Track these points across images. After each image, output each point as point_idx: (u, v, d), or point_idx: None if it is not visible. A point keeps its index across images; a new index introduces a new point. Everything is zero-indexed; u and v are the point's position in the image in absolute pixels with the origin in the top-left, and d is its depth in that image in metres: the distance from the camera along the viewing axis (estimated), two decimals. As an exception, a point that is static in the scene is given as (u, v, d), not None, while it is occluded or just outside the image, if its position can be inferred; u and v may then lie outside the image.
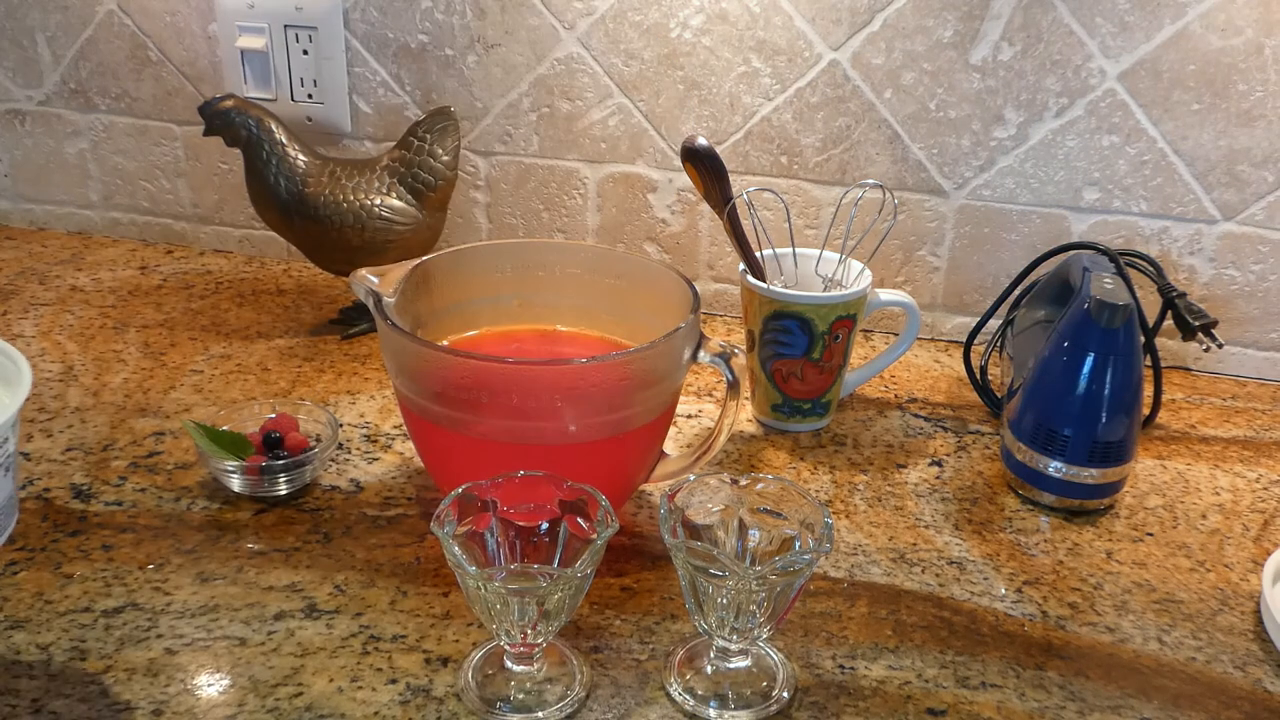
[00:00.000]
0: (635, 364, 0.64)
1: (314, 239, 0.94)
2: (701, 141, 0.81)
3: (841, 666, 0.60)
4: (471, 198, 1.07)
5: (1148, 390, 0.81)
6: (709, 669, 0.60)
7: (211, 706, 0.56)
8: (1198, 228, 0.95)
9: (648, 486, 0.75)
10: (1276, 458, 0.85)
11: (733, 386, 0.68)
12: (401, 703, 0.56)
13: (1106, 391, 0.73)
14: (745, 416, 0.87)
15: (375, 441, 0.81)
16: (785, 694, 0.58)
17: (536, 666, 0.58)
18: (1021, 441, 0.76)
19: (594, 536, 0.55)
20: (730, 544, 0.60)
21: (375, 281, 0.69)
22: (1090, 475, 0.74)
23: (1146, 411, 0.87)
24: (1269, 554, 0.71)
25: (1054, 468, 0.74)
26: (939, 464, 0.82)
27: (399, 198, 0.93)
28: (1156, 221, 0.95)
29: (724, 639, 0.57)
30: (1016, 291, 0.91)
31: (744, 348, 0.86)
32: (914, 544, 0.72)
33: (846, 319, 0.82)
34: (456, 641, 0.61)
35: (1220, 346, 0.84)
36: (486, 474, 0.58)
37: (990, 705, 0.58)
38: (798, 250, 0.88)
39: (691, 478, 0.60)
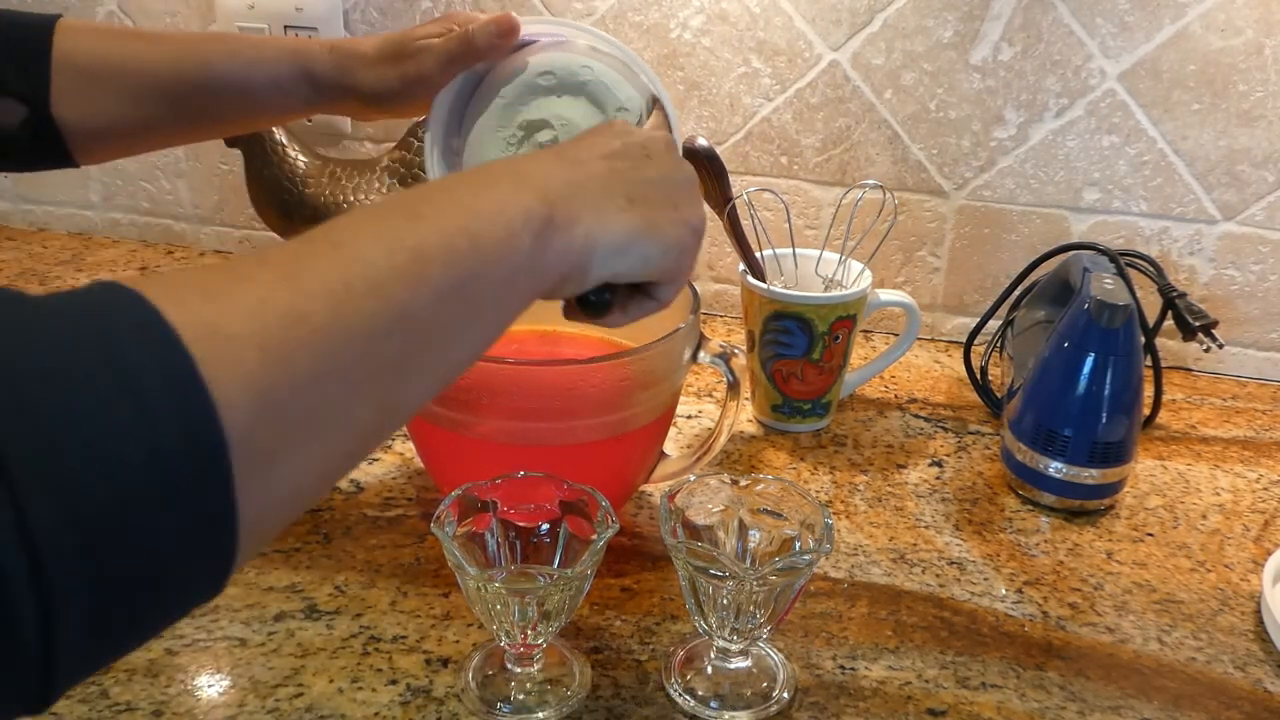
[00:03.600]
0: (635, 364, 0.64)
1: (314, 239, 0.94)
2: (701, 142, 0.81)
3: (842, 667, 0.60)
4: (471, 198, 1.07)
5: (1148, 390, 0.81)
6: (709, 669, 0.60)
7: (212, 707, 0.56)
8: (1198, 228, 0.95)
9: (648, 487, 0.75)
10: (1276, 458, 0.85)
11: (733, 387, 0.68)
12: (402, 703, 0.56)
13: (1107, 392, 0.73)
14: (745, 417, 0.87)
15: (375, 442, 0.81)
16: (785, 694, 0.58)
17: (537, 667, 0.58)
18: (1022, 442, 0.76)
19: (594, 537, 0.55)
20: (730, 544, 0.60)
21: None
22: (1090, 475, 0.74)
23: (1147, 412, 0.87)
24: (1269, 554, 0.71)
25: (1054, 468, 0.74)
26: (939, 464, 0.82)
27: (399, 198, 0.93)
28: (1156, 222, 0.95)
29: (724, 639, 0.57)
30: (1016, 292, 0.91)
31: (744, 348, 0.86)
32: (914, 544, 0.72)
33: (846, 319, 0.82)
34: (457, 642, 0.61)
35: (1220, 347, 0.84)
36: (487, 475, 0.58)
37: (990, 706, 0.58)
38: (798, 250, 0.88)
39: (692, 478, 0.60)
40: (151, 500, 0.29)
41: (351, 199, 0.92)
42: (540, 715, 0.56)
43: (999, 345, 0.91)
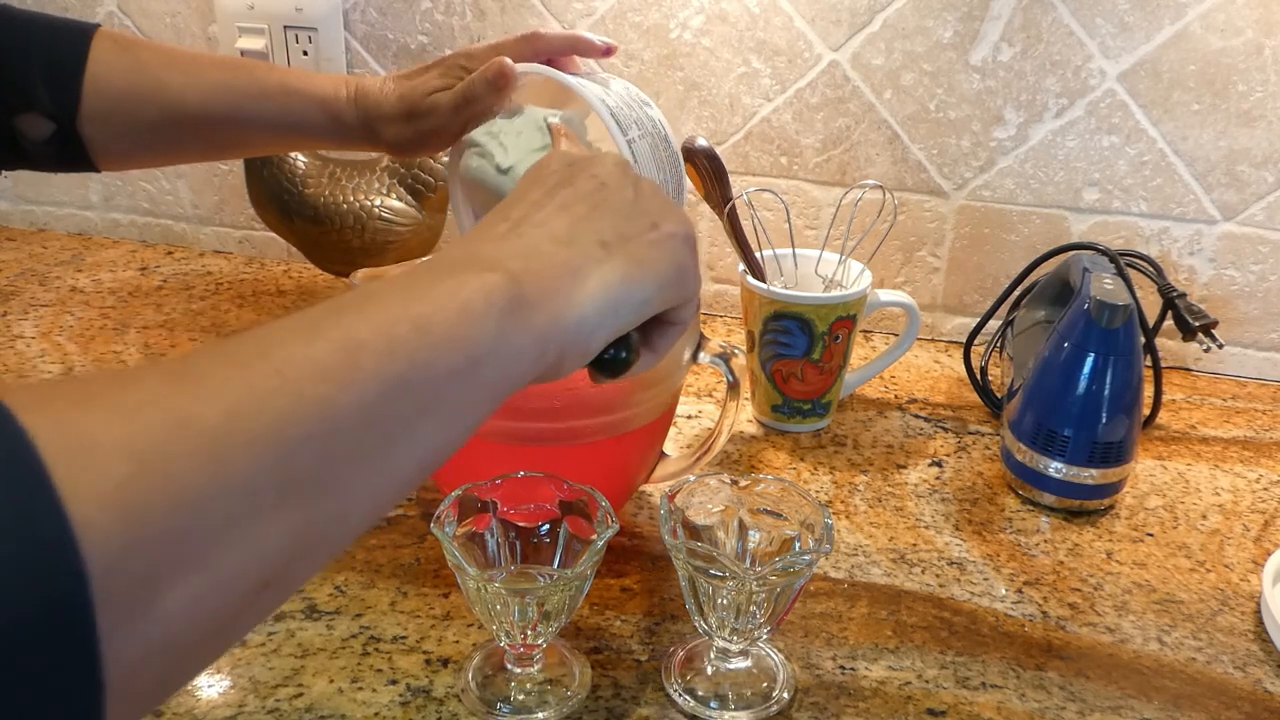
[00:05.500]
0: (635, 365, 0.64)
1: (314, 240, 0.94)
2: (701, 142, 0.81)
3: (842, 667, 0.60)
4: (471, 198, 1.07)
5: (1148, 391, 0.81)
6: (709, 669, 0.60)
7: (211, 707, 0.56)
8: (1198, 228, 0.95)
9: (648, 487, 0.75)
10: (1276, 458, 0.85)
11: (733, 387, 0.68)
12: (402, 704, 0.56)
13: (1106, 392, 0.73)
14: (745, 417, 0.87)
15: (375, 442, 0.81)
16: (785, 695, 0.58)
17: (537, 667, 0.58)
18: (1022, 442, 0.76)
19: (594, 537, 0.55)
20: (730, 545, 0.60)
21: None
22: (1090, 476, 0.74)
23: (1147, 412, 0.87)
24: (1269, 554, 0.71)
25: (1054, 468, 0.74)
26: (939, 464, 0.82)
27: (399, 199, 0.93)
28: (1156, 222, 0.95)
29: (724, 639, 0.57)
30: (1016, 292, 0.91)
31: (744, 348, 0.86)
32: (914, 544, 0.72)
33: (846, 319, 0.82)
34: (456, 642, 0.61)
35: (1220, 347, 0.84)
36: (486, 475, 0.58)
37: (990, 706, 0.58)
38: (798, 251, 0.88)
39: (692, 478, 0.60)
40: None
41: (351, 199, 0.92)
42: (540, 715, 0.56)
43: (999, 345, 0.91)
